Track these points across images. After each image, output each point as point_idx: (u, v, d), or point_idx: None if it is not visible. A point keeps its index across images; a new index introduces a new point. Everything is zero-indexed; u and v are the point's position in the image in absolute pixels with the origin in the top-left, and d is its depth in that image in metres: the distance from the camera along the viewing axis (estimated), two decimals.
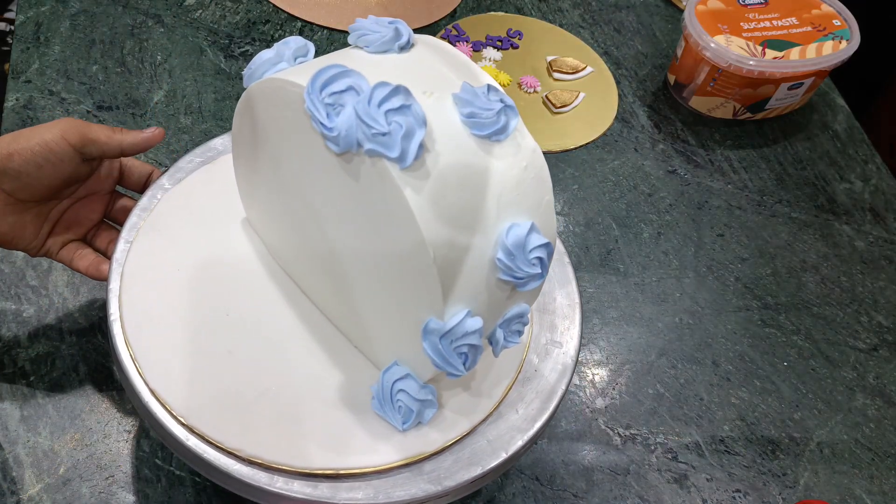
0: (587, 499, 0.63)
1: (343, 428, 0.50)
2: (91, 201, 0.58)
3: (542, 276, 0.45)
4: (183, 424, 0.48)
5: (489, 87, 0.43)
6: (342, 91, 0.41)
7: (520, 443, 0.51)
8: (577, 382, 0.70)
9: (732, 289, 0.79)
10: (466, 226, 0.43)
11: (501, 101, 0.43)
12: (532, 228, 0.44)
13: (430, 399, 0.50)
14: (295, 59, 0.47)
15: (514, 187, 0.44)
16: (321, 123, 0.41)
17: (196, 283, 0.54)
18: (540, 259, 0.45)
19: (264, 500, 0.48)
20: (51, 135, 0.51)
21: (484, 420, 0.52)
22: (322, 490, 0.48)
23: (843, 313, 0.79)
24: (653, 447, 0.67)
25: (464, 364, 0.45)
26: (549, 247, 0.45)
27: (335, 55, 0.47)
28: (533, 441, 0.52)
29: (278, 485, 0.48)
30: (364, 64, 0.44)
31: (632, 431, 0.68)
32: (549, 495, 0.63)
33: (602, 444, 0.66)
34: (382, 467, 0.49)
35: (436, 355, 0.45)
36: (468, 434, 0.51)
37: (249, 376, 0.51)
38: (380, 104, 0.40)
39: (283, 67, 0.46)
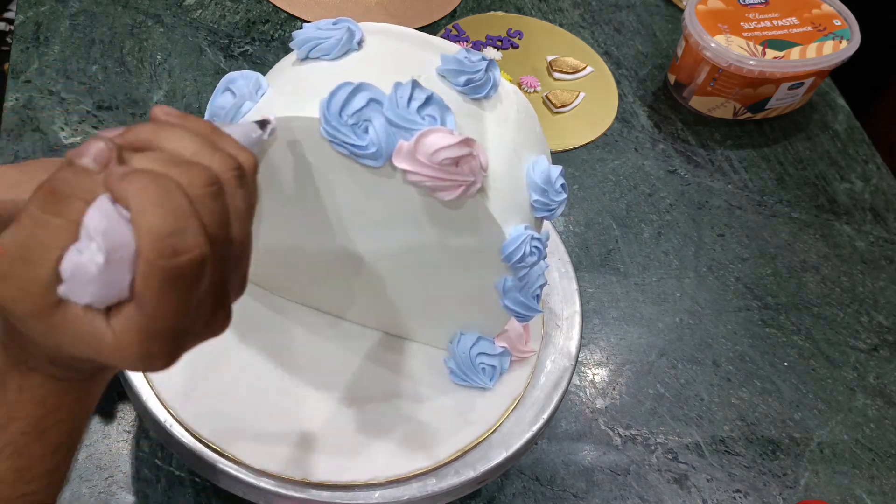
0: (587, 499, 0.63)
1: (344, 438, 0.50)
2: None
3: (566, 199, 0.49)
4: (185, 427, 0.48)
5: (465, 50, 0.44)
6: (363, 107, 0.40)
7: (519, 443, 0.51)
8: (577, 382, 0.70)
9: (733, 289, 0.79)
10: (507, 187, 0.44)
11: (483, 58, 0.44)
12: (547, 160, 0.47)
13: (504, 348, 0.52)
14: (257, 93, 0.44)
15: (518, 131, 0.46)
16: (351, 145, 0.40)
17: None
18: (563, 185, 0.47)
19: (263, 499, 0.48)
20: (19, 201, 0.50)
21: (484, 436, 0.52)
22: (321, 493, 0.48)
23: (843, 313, 0.79)
24: (653, 447, 0.67)
25: (538, 304, 0.49)
26: (561, 169, 0.47)
27: (292, 75, 0.45)
28: (533, 441, 0.52)
29: (273, 483, 0.48)
30: (339, 73, 0.43)
31: (632, 432, 0.68)
32: (549, 495, 0.63)
33: (602, 444, 0.66)
34: (379, 480, 0.49)
35: (518, 307, 0.48)
36: (466, 452, 0.51)
37: (251, 380, 0.51)
38: (408, 104, 0.40)
39: (251, 107, 0.44)
